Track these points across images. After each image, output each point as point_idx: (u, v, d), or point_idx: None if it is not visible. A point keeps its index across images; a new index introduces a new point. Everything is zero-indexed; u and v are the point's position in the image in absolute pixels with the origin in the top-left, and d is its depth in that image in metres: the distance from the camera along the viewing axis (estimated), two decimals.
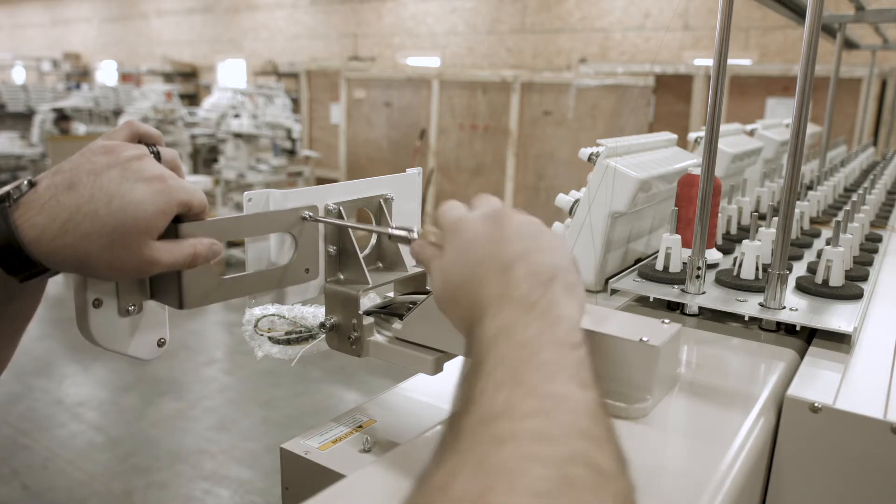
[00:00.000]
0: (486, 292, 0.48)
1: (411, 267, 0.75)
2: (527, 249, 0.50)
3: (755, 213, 1.05)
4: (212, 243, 0.57)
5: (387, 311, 0.71)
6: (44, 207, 0.50)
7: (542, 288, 0.47)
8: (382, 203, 0.76)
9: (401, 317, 0.67)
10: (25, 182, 0.51)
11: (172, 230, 0.55)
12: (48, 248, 0.50)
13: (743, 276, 1.00)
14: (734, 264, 1.03)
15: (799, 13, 1.62)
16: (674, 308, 0.99)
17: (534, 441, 0.34)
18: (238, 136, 6.63)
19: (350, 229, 0.70)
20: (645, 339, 0.64)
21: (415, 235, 0.62)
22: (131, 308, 0.60)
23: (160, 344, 0.64)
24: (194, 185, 0.57)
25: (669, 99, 5.54)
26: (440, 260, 0.55)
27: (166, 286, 0.59)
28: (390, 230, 0.66)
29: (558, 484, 0.31)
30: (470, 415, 0.37)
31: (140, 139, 0.59)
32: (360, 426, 0.70)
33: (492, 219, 0.53)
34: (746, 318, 0.92)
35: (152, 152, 0.57)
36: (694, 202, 1.00)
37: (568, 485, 0.31)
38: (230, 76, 14.67)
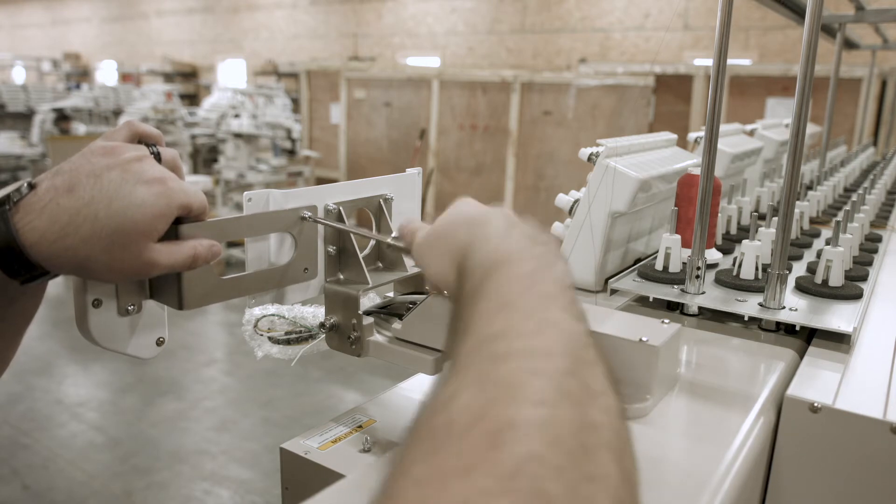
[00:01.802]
0: (487, 226, 0.51)
1: (411, 267, 0.75)
2: (519, 226, 0.52)
3: (755, 213, 1.05)
4: (211, 244, 0.57)
5: (387, 311, 0.71)
6: (44, 210, 0.50)
7: (536, 248, 0.49)
8: (382, 203, 0.76)
9: (401, 317, 0.67)
10: (25, 184, 0.51)
11: (172, 231, 0.55)
12: (48, 252, 0.50)
13: (743, 276, 1.00)
14: (734, 264, 1.03)
15: (799, 13, 1.62)
16: (674, 308, 0.99)
17: (532, 356, 0.35)
18: (238, 136, 6.63)
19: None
20: (645, 339, 0.64)
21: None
22: (131, 308, 0.60)
23: (159, 343, 0.64)
24: (194, 185, 0.57)
25: (669, 99, 5.54)
26: (435, 221, 0.57)
27: (166, 287, 0.59)
28: (389, 240, 0.66)
29: (556, 394, 0.33)
30: (469, 338, 0.39)
31: (140, 139, 0.59)
32: (360, 426, 0.70)
33: (482, 204, 0.57)
34: (746, 318, 0.92)
35: (152, 153, 0.57)
36: (694, 202, 1.00)
37: (563, 395, 0.33)
38: (230, 76, 14.67)
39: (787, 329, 0.90)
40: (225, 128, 6.86)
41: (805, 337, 0.89)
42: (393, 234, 0.72)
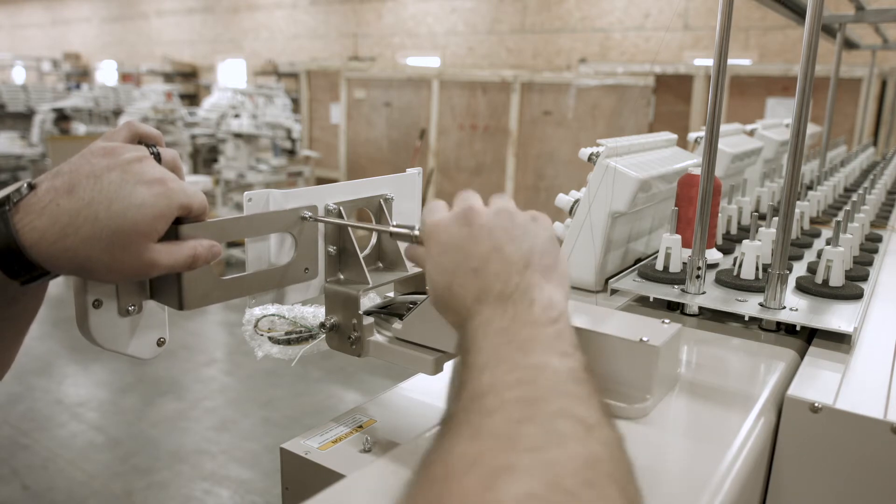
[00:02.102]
0: (466, 297, 0.51)
1: (411, 267, 0.75)
2: (498, 243, 0.52)
3: (755, 213, 1.05)
4: (211, 245, 0.57)
5: (387, 311, 0.71)
6: (44, 211, 0.50)
7: (517, 276, 0.50)
8: (382, 203, 0.76)
9: (401, 317, 0.67)
10: (25, 185, 0.51)
11: (172, 232, 0.55)
12: (48, 252, 0.50)
13: (743, 276, 1.00)
14: (734, 264, 1.03)
15: (799, 13, 1.62)
16: (674, 308, 0.99)
17: (521, 406, 0.36)
18: (238, 136, 6.63)
19: (350, 230, 0.70)
20: (645, 339, 0.64)
21: (416, 233, 0.62)
22: (131, 308, 0.60)
23: (160, 343, 0.64)
24: (194, 185, 0.57)
25: (669, 99, 5.54)
26: (427, 264, 0.57)
27: (166, 287, 0.59)
28: (391, 228, 0.66)
29: (548, 438, 0.33)
30: (460, 399, 0.40)
31: (140, 140, 0.59)
32: (360, 426, 0.70)
33: (462, 219, 0.55)
34: (746, 318, 0.92)
35: (152, 153, 0.57)
36: (694, 202, 1.00)
37: (557, 437, 0.33)
38: (230, 76, 14.67)
39: (788, 329, 0.90)
40: (225, 128, 6.86)
41: (805, 337, 0.89)
42: (394, 224, 0.72)
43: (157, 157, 0.58)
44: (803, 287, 0.99)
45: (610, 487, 0.31)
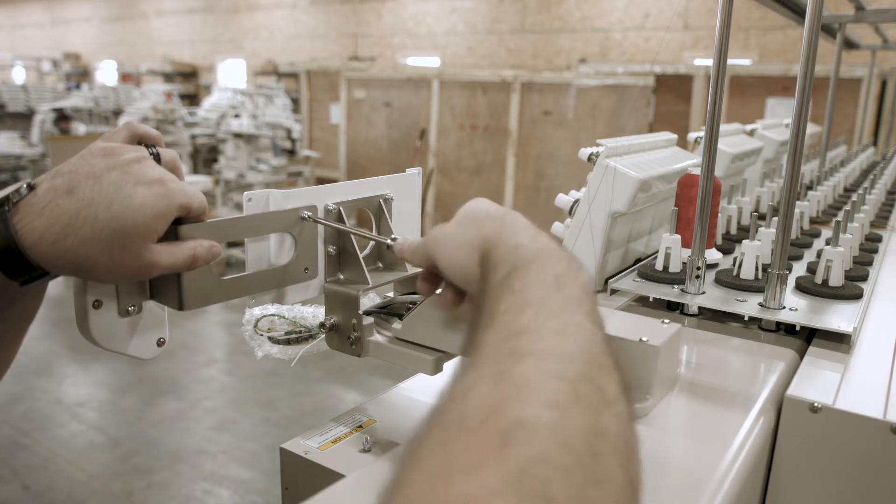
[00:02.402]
0: (515, 220, 0.51)
1: (411, 267, 0.75)
2: (524, 219, 0.53)
3: (755, 213, 1.05)
4: (211, 245, 0.57)
5: (387, 311, 0.71)
6: (43, 211, 0.50)
7: (559, 244, 0.50)
8: (382, 203, 0.76)
9: (401, 317, 0.67)
10: (25, 185, 0.51)
11: (172, 232, 0.55)
12: (48, 253, 0.50)
13: (743, 276, 1.00)
14: (734, 264, 1.03)
15: (799, 13, 1.62)
16: (674, 308, 0.99)
17: (551, 358, 0.36)
18: (238, 136, 6.63)
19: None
20: (645, 339, 0.64)
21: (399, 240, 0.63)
22: (131, 309, 0.60)
23: (160, 344, 0.64)
24: (194, 186, 0.57)
25: (669, 99, 5.54)
26: (441, 229, 0.56)
27: (166, 287, 0.59)
28: (389, 240, 0.66)
29: (570, 398, 0.33)
30: (493, 329, 0.39)
31: (140, 140, 0.59)
32: (360, 426, 0.70)
33: (469, 206, 0.56)
34: (746, 318, 0.92)
35: (152, 153, 0.57)
36: (694, 202, 1.00)
37: (578, 399, 0.33)
38: (230, 76, 14.67)
39: (788, 329, 0.90)
40: (225, 128, 6.86)
41: (805, 337, 0.89)
42: (392, 236, 0.72)
43: (157, 158, 0.58)
44: (803, 287, 0.99)
45: (612, 461, 0.31)
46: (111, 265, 0.52)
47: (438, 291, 0.60)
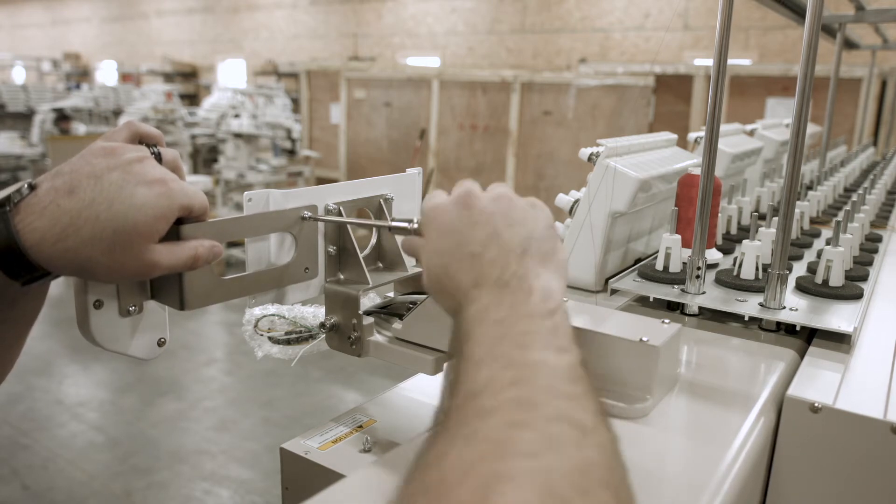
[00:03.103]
0: (462, 282, 0.50)
1: (411, 267, 0.75)
2: (496, 228, 0.51)
3: (755, 213, 1.05)
4: (213, 245, 0.57)
5: (387, 311, 0.71)
6: (44, 212, 0.50)
7: (515, 264, 0.49)
8: (382, 203, 0.76)
9: (401, 317, 0.67)
10: (26, 185, 0.51)
11: (174, 232, 0.55)
12: (49, 253, 0.50)
13: (743, 276, 1.00)
14: (734, 264, 1.03)
15: (799, 13, 1.62)
16: (674, 308, 0.99)
17: (516, 409, 0.36)
18: (238, 136, 6.63)
19: (350, 230, 0.70)
20: (645, 339, 0.64)
21: (415, 226, 0.62)
22: (132, 309, 0.60)
23: (160, 344, 0.64)
24: (194, 186, 0.57)
25: (669, 99, 5.54)
26: (424, 250, 0.56)
27: (167, 287, 0.59)
28: (391, 223, 0.66)
29: (544, 443, 0.33)
30: (456, 395, 0.40)
31: (140, 140, 0.59)
32: (360, 426, 0.70)
33: (461, 202, 0.54)
34: (746, 318, 0.92)
35: (153, 153, 0.57)
36: (694, 202, 1.00)
37: (553, 442, 0.33)
38: (230, 76, 14.67)
39: (788, 329, 0.90)
40: (225, 128, 6.86)
41: (805, 337, 0.89)
42: (392, 219, 0.72)
43: (158, 157, 0.58)
44: (803, 287, 0.99)
45: (604, 494, 0.31)
46: (112, 265, 0.52)
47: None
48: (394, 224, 0.65)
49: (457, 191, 0.56)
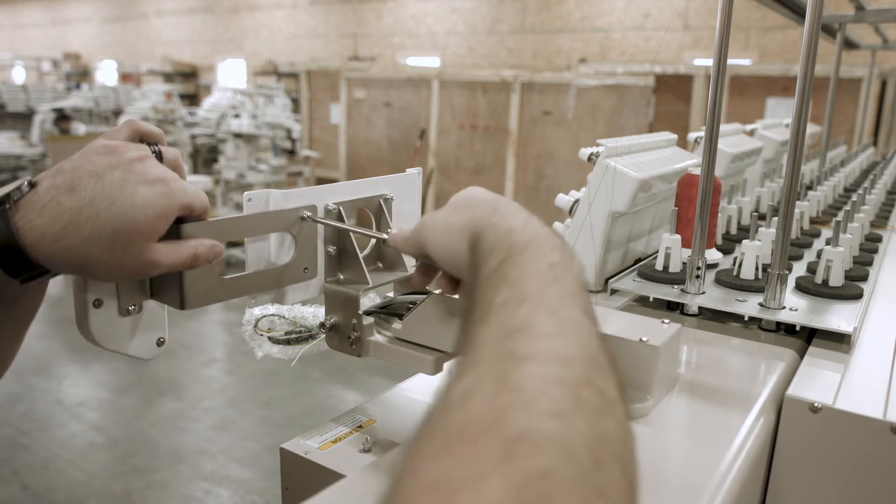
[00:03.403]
0: (511, 217, 0.50)
1: (411, 267, 0.75)
2: (517, 206, 0.53)
3: (755, 213, 1.05)
4: (213, 245, 0.57)
5: (387, 311, 0.71)
6: (44, 210, 0.49)
7: (552, 232, 0.49)
8: (382, 203, 0.76)
9: (401, 317, 0.67)
10: (26, 183, 0.51)
11: (174, 231, 0.55)
12: (49, 251, 0.50)
13: (743, 276, 1.00)
14: (734, 264, 1.03)
15: (799, 13, 1.62)
16: (674, 308, 0.99)
17: (552, 361, 0.35)
18: (238, 136, 6.63)
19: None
20: (645, 339, 0.64)
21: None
22: (131, 308, 0.60)
23: (160, 343, 0.64)
24: (195, 185, 0.57)
25: (669, 99, 5.54)
26: (432, 215, 0.57)
27: (167, 286, 0.59)
28: (386, 235, 0.66)
29: (572, 405, 0.32)
30: (489, 325, 0.38)
31: (142, 138, 0.59)
32: (360, 426, 0.70)
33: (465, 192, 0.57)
34: (746, 318, 0.92)
35: (154, 152, 0.57)
36: (694, 202, 1.00)
37: (579, 406, 0.32)
38: (230, 76, 14.67)
39: (788, 329, 0.90)
40: (225, 128, 6.86)
41: (805, 337, 0.89)
42: (388, 229, 0.72)
43: (159, 156, 0.58)
44: (803, 287, 0.99)
45: (614, 468, 0.30)
46: (112, 264, 0.52)
47: (436, 285, 0.60)
48: (387, 237, 0.66)
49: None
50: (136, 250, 0.52)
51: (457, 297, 0.62)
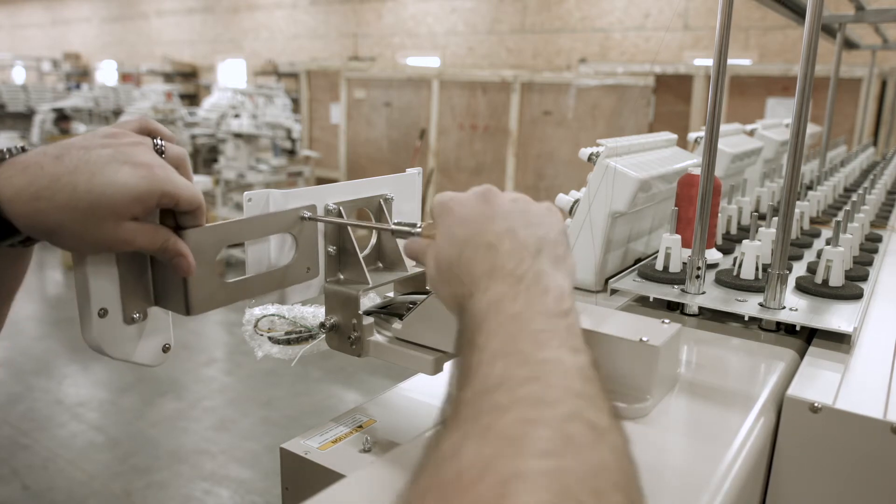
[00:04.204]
0: (476, 269, 0.50)
1: (411, 267, 0.75)
2: (513, 225, 0.52)
3: (755, 213, 1.05)
4: (187, 256, 0.57)
5: (387, 311, 0.71)
6: (26, 170, 0.50)
7: (529, 260, 0.49)
8: (382, 203, 0.76)
9: (401, 317, 0.67)
10: (20, 146, 0.52)
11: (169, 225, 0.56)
12: (20, 211, 0.50)
13: (743, 276, 1.00)
14: (734, 264, 1.03)
15: (799, 13, 1.62)
16: (674, 308, 0.99)
17: (532, 406, 0.35)
18: (238, 136, 6.62)
19: (350, 230, 0.70)
20: (645, 339, 0.64)
21: (418, 230, 0.62)
22: (136, 316, 0.60)
23: (165, 349, 0.64)
24: (192, 184, 0.57)
25: (669, 99, 5.54)
26: (433, 244, 0.56)
27: (172, 293, 0.59)
28: (393, 226, 0.66)
29: (560, 442, 0.33)
30: (469, 387, 0.39)
31: (150, 135, 0.59)
32: (360, 426, 0.70)
33: (481, 196, 0.56)
34: (746, 318, 0.92)
35: (156, 146, 0.57)
36: (694, 202, 1.00)
37: (568, 442, 0.33)
38: (230, 76, 14.67)
39: (788, 329, 0.90)
40: (225, 128, 6.85)
41: (805, 337, 0.89)
42: (395, 222, 0.72)
43: (160, 151, 0.58)
44: (803, 287, 0.99)
45: (616, 496, 0.31)
46: (83, 235, 0.52)
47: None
48: (396, 227, 0.65)
49: (477, 188, 0.57)
50: (108, 226, 0.52)
51: None
